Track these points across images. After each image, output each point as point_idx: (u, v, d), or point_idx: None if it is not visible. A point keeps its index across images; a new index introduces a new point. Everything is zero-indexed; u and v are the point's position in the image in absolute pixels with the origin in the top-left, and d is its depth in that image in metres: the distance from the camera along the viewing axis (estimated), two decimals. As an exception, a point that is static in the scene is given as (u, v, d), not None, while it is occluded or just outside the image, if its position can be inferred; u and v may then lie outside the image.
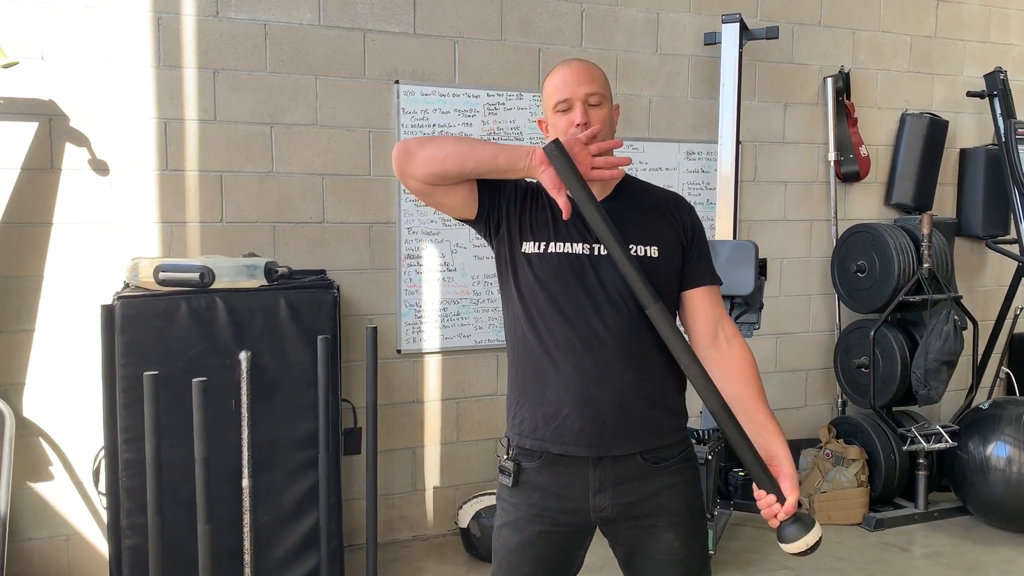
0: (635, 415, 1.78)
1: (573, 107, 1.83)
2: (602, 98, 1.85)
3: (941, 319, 4.18)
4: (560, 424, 1.78)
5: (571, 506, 1.81)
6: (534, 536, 1.83)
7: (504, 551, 1.88)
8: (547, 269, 1.80)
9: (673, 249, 1.85)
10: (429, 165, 1.76)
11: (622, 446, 1.78)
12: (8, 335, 3.37)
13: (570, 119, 1.82)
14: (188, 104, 3.56)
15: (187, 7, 3.52)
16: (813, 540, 1.69)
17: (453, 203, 1.84)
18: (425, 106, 3.89)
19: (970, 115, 5.10)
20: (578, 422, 1.76)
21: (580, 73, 1.85)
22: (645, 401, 1.79)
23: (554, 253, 1.81)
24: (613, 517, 1.82)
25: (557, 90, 1.85)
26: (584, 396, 1.76)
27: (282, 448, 3.11)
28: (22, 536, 3.40)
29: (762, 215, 4.65)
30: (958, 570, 3.71)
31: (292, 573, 3.14)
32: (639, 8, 4.29)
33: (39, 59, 3.34)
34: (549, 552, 1.85)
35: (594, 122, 1.81)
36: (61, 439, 3.45)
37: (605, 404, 1.76)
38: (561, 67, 1.88)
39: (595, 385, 1.76)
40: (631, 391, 1.77)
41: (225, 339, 3.00)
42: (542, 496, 1.82)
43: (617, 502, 1.80)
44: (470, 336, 4.05)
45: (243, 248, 3.61)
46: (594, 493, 1.80)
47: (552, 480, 1.81)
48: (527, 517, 1.83)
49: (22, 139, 3.34)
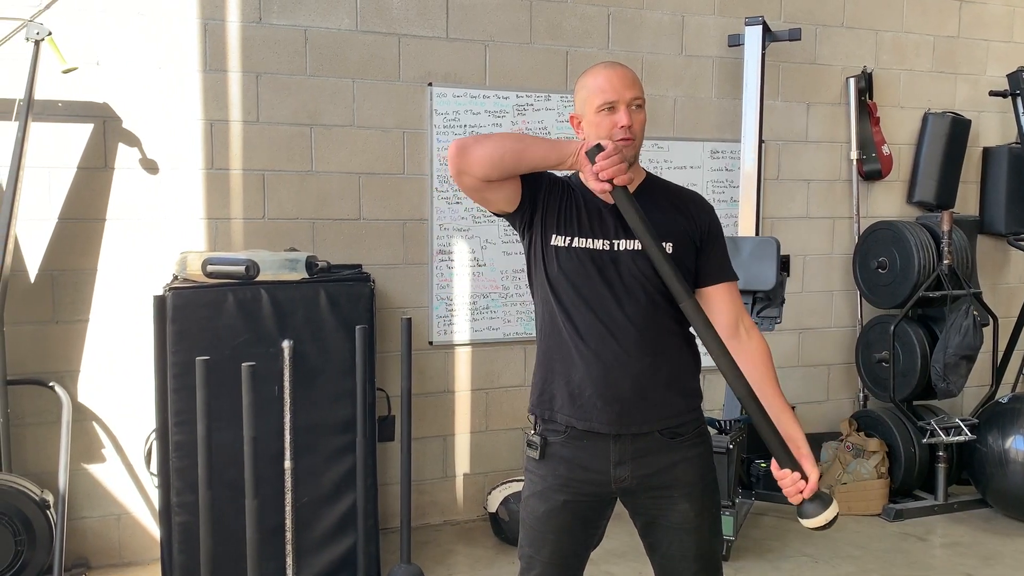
0: (652, 397, 1.94)
1: (618, 109, 1.92)
2: (643, 103, 1.98)
3: (960, 314, 4.26)
4: (584, 403, 1.93)
5: (594, 477, 1.96)
6: (559, 505, 1.98)
7: (531, 519, 2.03)
8: (572, 263, 1.95)
9: (687, 247, 1.98)
10: (488, 162, 1.88)
11: (640, 425, 1.94)
12: (64, 325, 3.58)
13: (614, 120, 1.92)
14: (233, 106, 3.74)
15: (232, 14, 3.71)
16: (832, 515, 1.84)
17: (499, 197, 1.97)
18: (457, 107, 4.05)
19: (993, 114, 5.16)
20: (600, 402, 1.92)
21: (625, 77, 1.95)
22: (661, 384, 1.95)
23: (578, 248, 1.95)
24: (633, 488, 1.97)
25: (602, 91, 1.93)
26: (606, 380, 1.91)
27: (321, 432, 3.27)
28: (77, 515, 3.59)
29: (785, 212, 4.75)
30: (975, 559, 3.79)
31: (331, 551, 3.31)
32: (664, 11, 4.41)
33: (95, 64, 3.54)
34: (572, 520, 2.00)
35: (636, 126, 1.94)
36: (113, 423, 3.65)
37: (624, 387, 1.91)
38: (604, 69, 1.97)
39: (615, 370, 1.91)
40: (648, 375, 1.93)
41: (269, 328, 3.17)
42: (567, 468, 1.98)
43: (636, 473, 1.95)
44: (499, 329, 4.20)
45: (284, 243, 3.78)
46: (615, 465, 1.95)
47: (576, 453, 1.97)
48: (553, 487, 1.99)
49: (78, 140, 3.55)
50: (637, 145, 1.97)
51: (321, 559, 3.29)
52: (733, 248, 3.88)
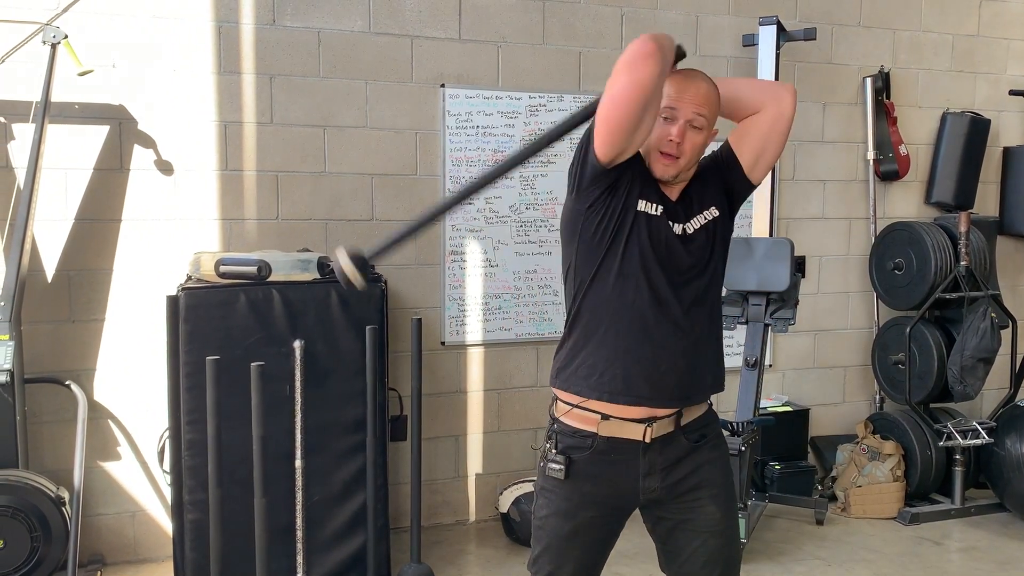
0: (694, 372, 1.96)
1: (676, 121, 1.88)
2: (705, 123, 1.90)
3: (978, 316, 4.21)
4: (659, 380, 1.91)
5: (621, 491, 1.96)
6: (586, 522, 1.98)
7: (554, 539, 2.00)
8: (653, 233, 1.92)
9: (721, 201, 2.00)
10: (664, 54, 1.80)
11: (682, 400, 1.95)
12: (80, 324, 3.62)
13: (668, 130, 1.88)
14: (247, 108, 3.77)
15: (246, 16, 3.74)
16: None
17: (649, 126, 1.87)
18: (469, 108, 4.06)
19: (1014, 113, 5.09)
20: (673, 377, 1.92)
21: (697, 93, 1.89)
22: (702, 361, 1.97)
23: (657, 218, 1.93)
24: (661, 498, 1.97)
25: (669, 98, 1.88)
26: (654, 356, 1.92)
27: (332, 432, 3.29)
28: (92, 511, 3.64)
29: (801, 213, 4.72)
30: (991, 564, 3.75)
31: (341, 550, 3.33)
32: (679, 11, 4.40)
33: (110, 67, 3.58)
34: (597, 534, 2.01)
35: (686, 147, 1.89)
36: (128, 421, 3.69)
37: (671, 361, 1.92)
38: (683, 77, 1.91)
39: (660, 346, 1.91)
40: (691, 353, 1.94)
41: (280, 328, 3.20)
42: (593, 484, 1.96)
43: (666, 483, 1.95)
44: (511, 330, 4.21)
45: (298, 243, 3.81)
46: (644, 476, 1.94)
47: (604, 469, 1.95)
48: (579, 505, 1.97)
49: (94, 141, 3.59)
50: (682, 165, 1.91)
51: (331, 558, 3.31)
52: (747, 249, 3.90)
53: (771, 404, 4.55)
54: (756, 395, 3.87)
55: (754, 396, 3.86)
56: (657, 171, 1.93)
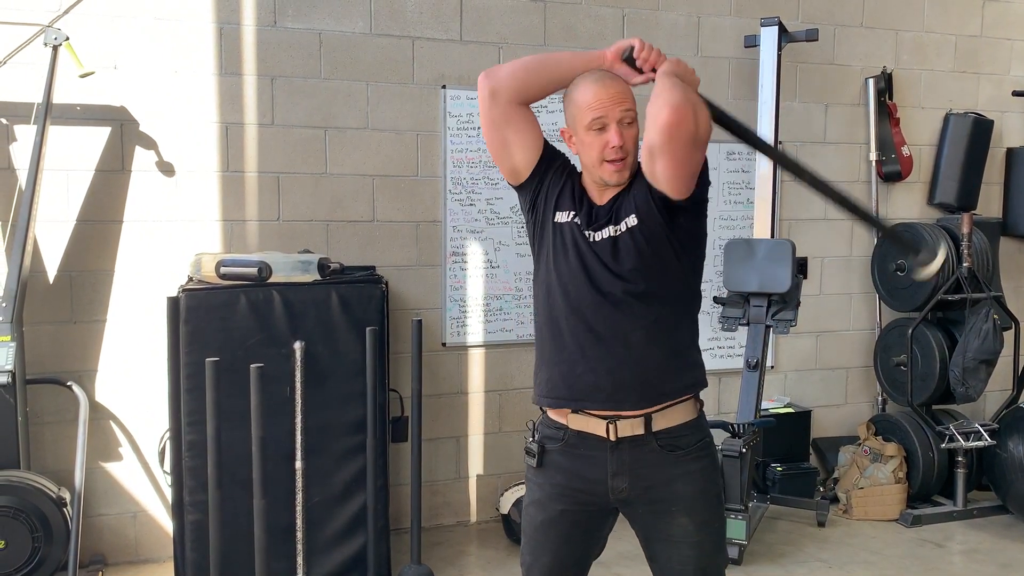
0: (633, 374, 1.90)
1: (608, 128, 1.86)
2: (634, 115, 1.89)
3: (980, 318, 4.20)
4: (575, 382, 1.92)
5: (592, 487, 1.95)
6: (556, 514, 1.97)
7: (530, 528, 2.03)
8: (568, 242, 1.93)
9: (648, 207, 1.89)
10: (519, 72, 1.90)
11: (637, 402, 1.90)
12: (82, 325, 3.63)
13: (605, 140, 1.86)
14: (248, 109, 3.78)
15: (247, 18, 3.74)
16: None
17: (520, 140, 1.94)
18: (470, 109, 4.05)
19: (1017, 114, 5.08)
20: (592, 378, 1.90)
21: (614, 92, 1.87)
22: (642, 365, 1.91)
23: (574, 225, 1.94)
24: (630, 499, 1.95)
25: (591, 108, 1.86)
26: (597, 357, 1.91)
27: (332, 433, 3.30)
28: (93, 512, 3.65)
29: (803, 214, 4.71)
30: (993, 567, 3.74)
31: (341, 551, 3.33)
32: (680, 12, 4.39)
33: (112, 68, 3.59)
34: (571, 530, 1.99)
35: (628, 143, 1.88)
36: (129, 422, 3.70)
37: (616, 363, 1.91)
38: (591, 83, 1.88)
39: (603, 345, 1.90)
40: (621, 356, 1.90)
41: (281, 330, 3.20)
42: (564, 476, 1.96)
43: (636, 486, 1.93)
44: (512, 331, 4.20)
45: (298, 245, 3.81)
46: (612, 476, 1.93)
47: (573, 462, 1.95)
48: (550, 496, 1.98)
49: (96, 143, 3.60)
50: (631, 161, 1.90)
51: (332, 559, 3.31)
52: (748, 250, 3.90)
53: (773, 405, 4.55)
54: (757, 396, 3.87)
55: (755, 397, 3.86)
56: (611, 179, 1.91)
